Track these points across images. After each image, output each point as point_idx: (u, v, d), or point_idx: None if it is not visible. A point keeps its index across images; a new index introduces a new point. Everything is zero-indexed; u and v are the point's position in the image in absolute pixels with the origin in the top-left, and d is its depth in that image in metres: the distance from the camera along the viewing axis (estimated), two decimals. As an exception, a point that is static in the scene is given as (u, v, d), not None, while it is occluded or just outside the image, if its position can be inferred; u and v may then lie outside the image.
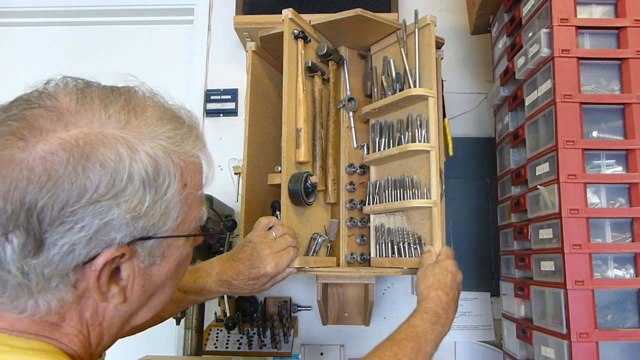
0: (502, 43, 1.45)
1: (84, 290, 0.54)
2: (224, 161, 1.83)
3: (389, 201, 1.24)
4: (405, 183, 1.21)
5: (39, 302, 0.52)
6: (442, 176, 1.27)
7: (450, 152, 1.37)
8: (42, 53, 2.06)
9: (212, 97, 1.89)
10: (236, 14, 1.76)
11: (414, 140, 1.19)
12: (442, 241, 1.14)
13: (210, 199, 1.41)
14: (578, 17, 1.11)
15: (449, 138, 1.39)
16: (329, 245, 1.26)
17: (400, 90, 1.24)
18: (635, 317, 1.03)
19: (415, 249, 1.18)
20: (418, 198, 1.17)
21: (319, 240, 1.20)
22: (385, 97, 1.27)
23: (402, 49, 1.25)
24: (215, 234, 0.72)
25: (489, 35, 1.60)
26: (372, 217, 1.30)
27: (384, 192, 1.26)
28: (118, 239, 0.51)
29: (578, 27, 1.10)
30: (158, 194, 0.53)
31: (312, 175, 1.15)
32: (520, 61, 1.26)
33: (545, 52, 1.12)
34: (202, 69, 1.92)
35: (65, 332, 0.55)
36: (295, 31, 1.19)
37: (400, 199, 1.21)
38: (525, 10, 1.26)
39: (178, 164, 0.56)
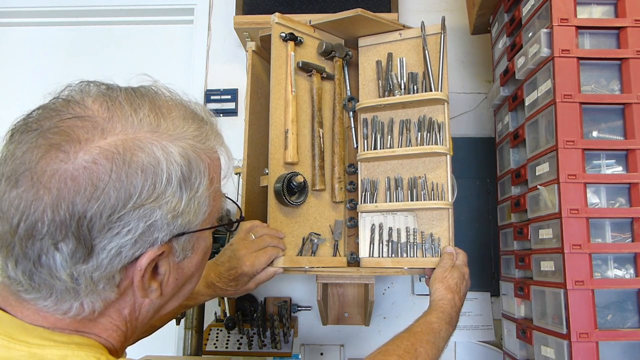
0: (502, 43, 1.45)
1: (126, 288, 0.56)
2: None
3: (392, 201, 1.24)
4: (417, 184, 1.22)
5: (84, 303, 0.54)
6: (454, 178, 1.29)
7: (451, 153, 1.37)
8: (42, 53, 2.06)
9: (212, 97, 1.88)
10: (236, 14, 1.76)
11: (428, 142, 1.22)
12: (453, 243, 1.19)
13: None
14: (578, 17, 1.11)
15: (449, 141, 1.39)
16: (335, 245, 1.26)
17: (415, 91, 1.26)
18: (635, 317, 1.03)
19: (429, 249, 1.19)
20: (432, 199, 1.20)
21: (315, 241, 1.20)
22: (393, 94, 1.27)
23: (426, 52, 1.26)
24: (237, 222, 0.75)
25: (489, 35, 1.60)
26: (363, 215, 1.28)
27: (387, 191, 1.26)
28: (160, 237, 0.54)
29: (578, 27, 1.10)
30: (192, 192, 0.56)
31: (297, 175, 1.16)
32: (520, 61, 1.26)
33: (545, 52, 1.12)
34: (202, 69, 1.92)
35: (105, 327, 0.58)
36: (283, 34, 1.21)
37: (412, 199, 1.23)
38: (525, 10, 1.26)
39: (205, 161, 0.59)
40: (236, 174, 1.39)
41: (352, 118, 1.34)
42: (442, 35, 1.26)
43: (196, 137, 0.58)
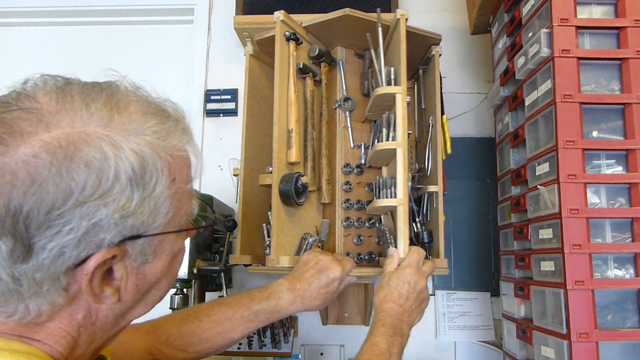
0: (502, 43, 1.45)
1: (76, 292, 0.53)
2: (224, 161, 1.83)
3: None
4: (380, 183, 1.21)
5: (29, 306, 0.52)
6: (410, 174, 1.25)
7: (449, 150, 1.36)
8: (42, 53, 2.06)
9: (212, 97, 1.89)
10: (236, 14, 1.76)
11: (388, 139, 1.16)
12: (406, 242, 1.08)
13: (210, 199, 1.41)
14: (578, 17, 1.11)
15: (447, 136, 1.38)
16: (320, 245, 1.27)
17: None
18: (635, 317, 1.03)
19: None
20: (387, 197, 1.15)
21: (310, 240, 1.21)
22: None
23: (372, 50, 1.22)
24: (206, 227, 0.70)
25: (489, 35, 1.60)
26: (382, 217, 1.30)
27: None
28: (108, 239, 0.51)
29: (578, 27, 1.10)
30: (146, 191, 0.52)
31: (302, 176, 1.16)
32: (520, 61, 1.26)
33: (545, 52, 1.12)
34: (202, 69, 1.92)
35: (53, 332, 0.54)
36: (287, 33, 1.20)
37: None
38: (525, 10, 1.26)
39: (165, 159, 0.55)
40: (235, 175, 1.39)
41: (348, 118, 1.34)
42: (378, 28, 1.20)
43: (156, 133, 0.55)
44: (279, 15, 1.20)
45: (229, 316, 0.98)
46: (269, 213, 1.21)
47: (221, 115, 1.89)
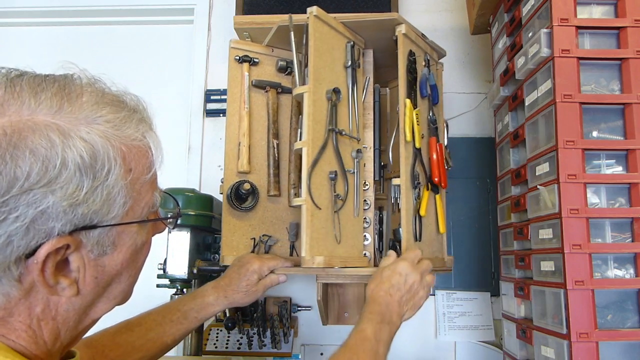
0: (502, 43, 1.45)
1: (31, 284, 0.53)
2: (224, 161, 1.82)
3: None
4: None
5: None
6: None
7: (408, 138, 1.19)
8: (42, 53, 2.06)
9: (212, 97, 1.89)
10: (236, 14, 1.77)
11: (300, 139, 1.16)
12: (310, 241, 1.07)
13: (210, 199, 1.42)
14: (578, 17, 1.11)
15: (407, 122, 1.20)
16: (291, 245, 1.32)
17: None
18: (635, 317, 1.03)
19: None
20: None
21: (267, 241, 1.28)
22: None
23: (293, 53, 1.23)
24: (170, 218, 0.68)
25: (489, 35, 1.60)
26: None
27: None
28: (57, 228, 0.50)
29: (578, 27, 1.10)
30: (97, 180, 0.52)
31: (244, 183, 1.26)
32: (520, 61, 1.26)
33: (545, 52, 1.12)
34: (202, 69, 1.92)
35: (13, 327, 0.54)
36: (237, 57, 1.35)
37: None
38: (525, 10, 1.26)
39: (119, 148, 0.55)
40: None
41: None
42: (291, 33, 1.21)
43: (109, 122, 0.54)
44: (230, 43, 1.36)
45: (159, 322, 1.02)
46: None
47: (221, 115, 1.88)
